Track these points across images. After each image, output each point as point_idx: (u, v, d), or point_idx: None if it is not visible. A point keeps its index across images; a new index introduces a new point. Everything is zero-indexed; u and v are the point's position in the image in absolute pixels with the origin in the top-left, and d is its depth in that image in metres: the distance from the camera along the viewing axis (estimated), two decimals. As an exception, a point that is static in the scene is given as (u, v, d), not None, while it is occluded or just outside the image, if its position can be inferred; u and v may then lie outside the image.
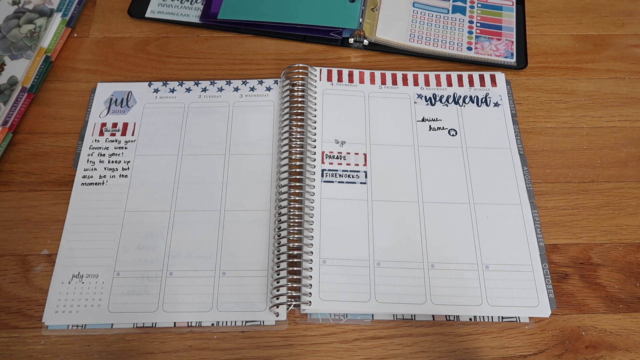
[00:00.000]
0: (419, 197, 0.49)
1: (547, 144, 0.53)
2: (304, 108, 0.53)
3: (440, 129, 0.53)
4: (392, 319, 0.44)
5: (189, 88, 0.56)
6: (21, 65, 0.55)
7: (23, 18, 0.59)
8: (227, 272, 0.46)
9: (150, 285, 0.45)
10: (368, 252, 0.46)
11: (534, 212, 0.48)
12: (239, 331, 0.44)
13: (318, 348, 0.43)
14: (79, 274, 0.46)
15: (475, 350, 0.43)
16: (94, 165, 0.51)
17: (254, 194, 0.49)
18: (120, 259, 0.46)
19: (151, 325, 0.44)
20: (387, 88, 0.56)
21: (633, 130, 0.54)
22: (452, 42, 0.59)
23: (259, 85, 0.56)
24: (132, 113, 0.54)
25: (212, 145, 0.52)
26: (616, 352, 0.43)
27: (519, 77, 0.58)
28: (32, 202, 0.49)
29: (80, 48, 0.60)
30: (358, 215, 0.48)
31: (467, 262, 0.46)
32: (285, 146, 0.50)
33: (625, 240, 0.48)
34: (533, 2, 0.64)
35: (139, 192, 0.50)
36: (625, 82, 0.57)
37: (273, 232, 0.47)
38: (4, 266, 0.46)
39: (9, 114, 0.53)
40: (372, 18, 0.60)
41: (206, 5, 0.62)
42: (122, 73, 0.58)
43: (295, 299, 0.44)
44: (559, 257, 0.47)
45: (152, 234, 0.47)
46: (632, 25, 0.62)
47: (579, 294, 0.45)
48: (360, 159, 0.51)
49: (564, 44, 0.60)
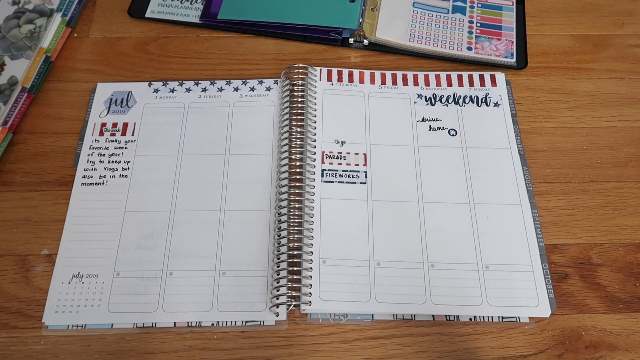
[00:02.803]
0: (419, 197, 0.49)
1: (547, 144, 0.53)
2: (304, 108, 0.53)
3: (440, 129, 0.53)
4: (392, 319, 0.44)
5: (189, 88, 0.56)
6: (21, 65, 0.55)
7: (23, 18, 0.58)
8: (227, 272, 0.46)
9: (150, 285, 0.45)
10: (368, 252, 0.46)
11: (534, 212, 0.48)
12: (239, 331, 0.44)
13: (318, 348, 0.43)
14: (79, 274, 0.46)
15: (475, 350, 0.43)
16: (94, 165, 0.51)
17: (254, 194, 0.49)
18: (120, 259, 0.46)
19: (151, 325, 0.44)
20: (387, 88, 0.56)
21: (633, 130, 0.54)
22: (452, 42, 0.59)
23: (259, 85, 0.56)
24: (132, 113, 0.54)
25: (212, 145, 0.52)
26: (616, 352, 0.43)
27: (519, 77, 0.58)
28: (32, 202, 0.49)
29: (80, 48, 0.60)
30: (358, 215, 0.48)
31: (467, 262, 0.46)
32: (285, 146, 0.50)
33: (625, 240, 0.48)
34: (533, 2, 0.63)
35: (139, 192, 0.50)
36: (625, 82, 0.57)
37: (273, 232, 0.47)
38: (4, 266, 0.46)
39: (9, 114, 0.53)
40: (372, 18, 0.60)
41: (206, 5, 0.62)
42: (122, 73, 0.58)
43: (295, 299, 0.44)
44: (559, 257, 0.47)
45: (152, 234, 0.47)
46: (632, 25, 0.62)
47: (579, 294, 0.45)
48: (360, 159, 0.51)
49: (564, 44, 0.60)
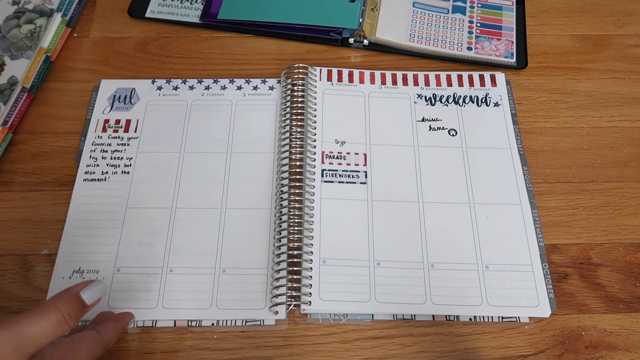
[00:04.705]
0: (419, 197, 0.49)
1: (547, 144, 0.53)
2: (304, 108, 0.53)
3: (440, 129, 0.53)
4: (392, 319, 0.44)
5: (192, 86, 0.56)
6: (21, 65, 0.55)
7: (23, 18, 0.59)
8: (227, 270, 0.46)
9: (150, 281, 0.45)
10: (368, 252, 0.46)
11: (534, 212, 0.48)
12: (239, 331, 0.44)
13: (318, 348, 0.43)
14: (79, 269, 0.46)
15: (475, 350, 0.43)
16: (97, 162, 0.51)
17: (255, 192, 0.49)
18: (120, 255, 0.46)
19: (151, 325, 0.44)
20: (387, 88, 0.56)
21: (633, 130, 0.54)
22: (452, 42, 0.59)
23: (261, 84, 0.56)
24: (135, 110, 0.54)
25: (214, 143, 0.52)
26: (616, 352, 0.43)
27: (519, 77, 0.58)
28: (32, 202, 0.49)
29: (80, 48, 0.60)
30: (358, 215, 0.48)
31: (467, 262, 0.46)
32: (285, 146, 0.50)
33: (625, 240, 0.48)
34: (533, 2, 0.64)
35: (141, 189, 0.50)
36: (625, 82, 0.57)
37: (273, 232, 0.47)
38: (4, 266, 0.46)
39: (9, 114, 0.53)
40: (372, 18, 0.60)
41: (206, 5, 0.62)
42: (122, 73, 0.58)
43: (295, 298, 0.44)
44: (559, 257, 0.47)
45: (153, 231, 0.47)
46: (632, 25, 0.62)
47: (579, 294, 0.45)
48: (360, 159, 0.51)
49: (564, 44, 0.60)
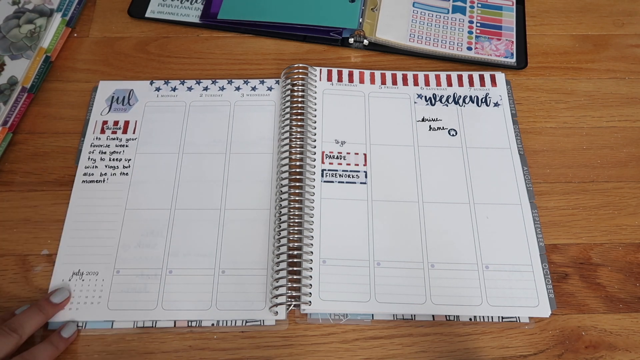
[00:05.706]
0: (419, 197, 0.49)
1: (547, 144, 0.53)
2: (304, 108, 0.53)
3: (440, 129, 0.53)
4: (392, 319, 0.44)
5: (191, 87, 0.56)
6: (21, 65, 0.55)
7: (23, 18, 0.59)
8: (227, 271, 0.46)
9: (149, 283, 0.45)
10: (368, 252, 0.46)
11: (534, 212, 0.48)
12: (239, 331, 0.44)
13: (318, 348, 0.43)
14: (79, 271, 0.46)
15: (475, 350, 0.43)
16: (95, 163, 0.51)
17: (255, 193, 0.49)
18: (120, 256, 0.46)
19: (151, 325, 0.44)
20: (387, 88, 0.56)
21: (633, 130, 0.54)
22: (452, 42, 0.59)
23: (260, 85, 0.56)
24: (133, 111, 0.54)
25: (213, 144, 0.52)
26: (616, 352, 0.43)
27: (519, 77, 0.58)
28: (32, 202, 0.49)
29: (80, 48, 0.60)
30: (358, 215, 0.48)
31: (467, 262, 0.46)
32: (285, 146, 0.50)
33: (625, 240, 0.48)
34: (533, 2, 0.64)
35: (140, 190, 0.50)
36: (625, 82, 0.57)
37: (273, 232, 0.47)
38: (4, 266, 0.46)
39: (9, 114, 0.53)
40: (372, 18, 0.60)
41: (206, 5, 0.62)
42: (122, 73, 0.58)
43: (295, 299, 0.44)
44: (559, 257, 0.47)
45: (152, 232, 0.47)
46: (632, 25, 0.62)
47: (579, 294, 0.45)
48: (360, 159, 0.51)
49: (564, 44, 0.60)
